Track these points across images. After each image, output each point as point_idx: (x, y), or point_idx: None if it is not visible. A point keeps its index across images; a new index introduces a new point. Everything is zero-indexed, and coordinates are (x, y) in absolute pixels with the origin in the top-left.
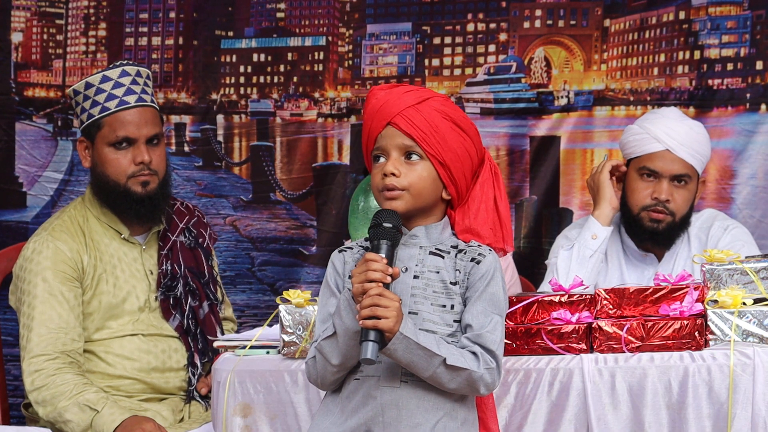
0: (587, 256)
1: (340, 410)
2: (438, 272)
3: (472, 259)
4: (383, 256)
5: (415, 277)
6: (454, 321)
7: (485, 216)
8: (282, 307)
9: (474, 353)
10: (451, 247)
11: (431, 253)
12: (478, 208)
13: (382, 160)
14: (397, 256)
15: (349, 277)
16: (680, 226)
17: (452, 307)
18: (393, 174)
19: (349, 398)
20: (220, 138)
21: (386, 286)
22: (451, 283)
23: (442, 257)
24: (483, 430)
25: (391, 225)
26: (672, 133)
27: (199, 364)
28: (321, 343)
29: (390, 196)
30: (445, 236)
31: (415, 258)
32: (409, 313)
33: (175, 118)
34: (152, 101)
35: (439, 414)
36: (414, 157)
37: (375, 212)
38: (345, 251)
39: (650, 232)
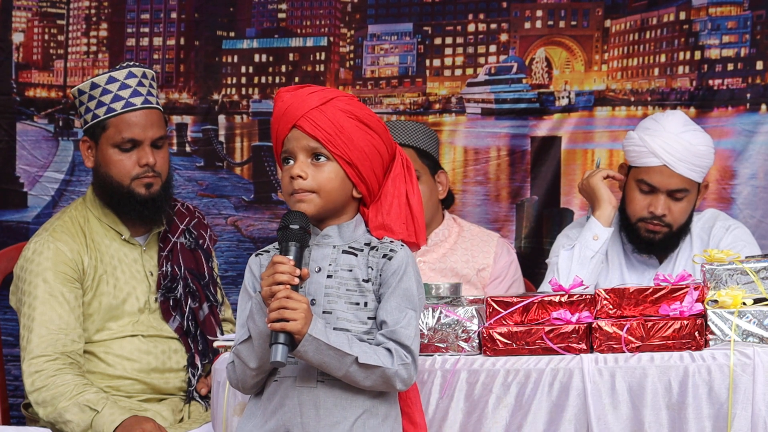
0: (588, 257)
1: (261, 413)
2: (351, 270)
3: (384, 255)
4: (291, 258)
5: (329, 276)
6: (369, 318)
7: (398, 211)
8: None
9: (388, 349)
10: (365, 244)
11: (344, 251)
12: (391, 204)
13: (290, 162)
14: (310, 256)
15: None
16: (678, 234)
17: (366, 304)
18: (300, 176)
19: (269, 400)
20: (222, 138)
21: (295, 288)
22: (363, 280)
23: (355, 255)
24: (409, 424)
25: (297, 227)
26: (670, 149)
27: (199, 365)
28: (238, 347)
29: (299, 198)
30: (358, 234)
31: (328, 257)
32: (324, 312)
33: (176, 119)
34: (157, 103)
35: (358, 411)
36: (321, 158)
37: (283, 215)
38: (261, 255)
39: (646, 242)
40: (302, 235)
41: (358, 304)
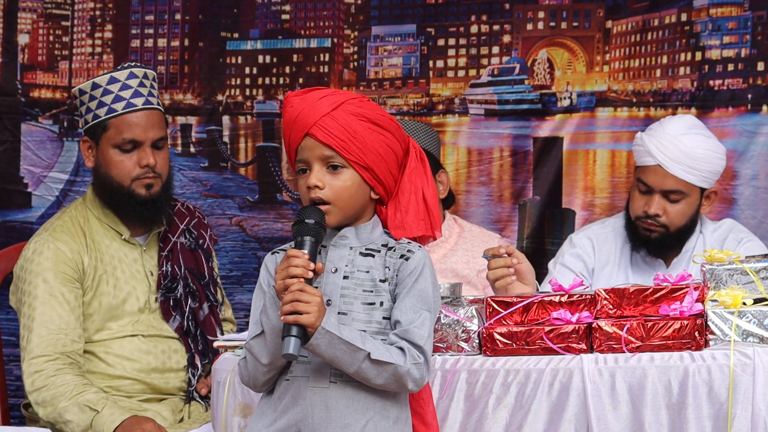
0: None
1: (271, 411)
2: (368, 271)
3: (402, 256)
4: (305, 252)
5: (345, 277)
6: (383, 318)
7: (416, 208)
8: None
9: (401, 348)
10: (382, 245)
11: (361, 253)
12: (408, 200)
13: (306, 172)
14: (327, 257)
15: None
16: (676, 236)
17: (381, 304)
18: (317, 186)
19: (280, 399)
20: (226, 139)
21: (309, 282)
22: (380, 280)
23: (372, 256)
24: (421, 425)
25: (313, 221)
26: (664, 150)
27: (199, 365)
28: (250, 342)
29: None
30: (375, 235)
31: (344, 258)
32: (339, 313)
33: (180, 119)
34: (158, 104)
35: (369, 414)
36: (337, 166)
37: (299, 209)
38: (278, 253)
39: (643, 240)
40: (317, 230)
41: (373, 304)
